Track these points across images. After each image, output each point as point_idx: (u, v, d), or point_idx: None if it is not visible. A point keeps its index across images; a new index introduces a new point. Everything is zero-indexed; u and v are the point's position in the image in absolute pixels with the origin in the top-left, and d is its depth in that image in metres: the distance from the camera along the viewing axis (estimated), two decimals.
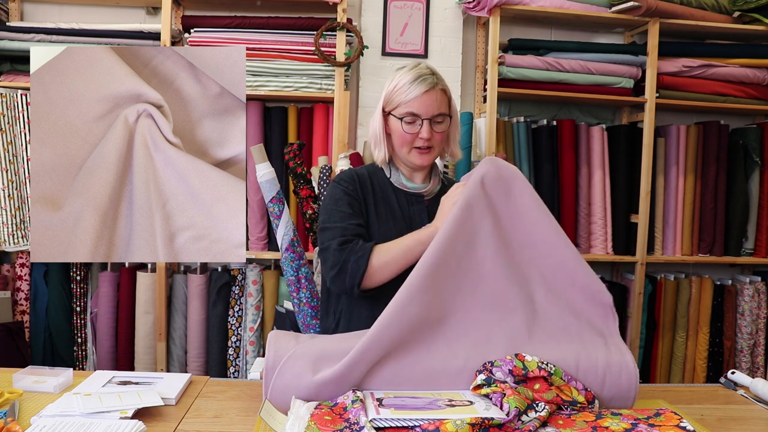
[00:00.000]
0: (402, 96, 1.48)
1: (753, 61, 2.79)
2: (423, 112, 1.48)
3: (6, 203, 2.44)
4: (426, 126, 1.48)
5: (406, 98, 1.48)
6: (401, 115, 1.49)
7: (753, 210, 2.86)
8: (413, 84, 1.47)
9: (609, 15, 2.68)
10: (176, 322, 2.62)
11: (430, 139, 1.49)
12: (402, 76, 1.50)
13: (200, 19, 2.58)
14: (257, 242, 2.60)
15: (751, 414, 1.24)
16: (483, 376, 1.11)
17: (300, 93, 2.55)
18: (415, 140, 1.50)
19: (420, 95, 1.47)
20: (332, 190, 1.55)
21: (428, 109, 1.48)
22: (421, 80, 1.47)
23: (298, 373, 1.12)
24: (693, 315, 2.85)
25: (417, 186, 1.57)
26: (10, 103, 2.44)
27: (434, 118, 1.49)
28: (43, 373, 1.23)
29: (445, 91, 1.52)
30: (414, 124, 1.49)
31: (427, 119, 1.48)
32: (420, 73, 1.49)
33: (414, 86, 1.47)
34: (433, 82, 1.49)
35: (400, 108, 1.49)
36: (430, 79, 1.48)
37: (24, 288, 2.58)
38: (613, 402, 1.15)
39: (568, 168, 2.73)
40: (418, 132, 1.49)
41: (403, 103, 1.48)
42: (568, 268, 1.31)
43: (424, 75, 1.49)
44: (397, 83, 1.50)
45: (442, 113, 1.50)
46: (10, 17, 2.64)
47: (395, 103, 1.50)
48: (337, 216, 1.49)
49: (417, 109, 1.48)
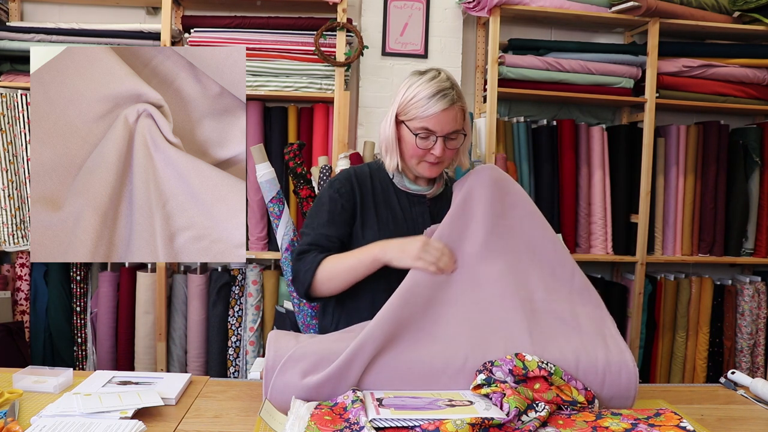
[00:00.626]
0: (419, 110, 1.42)
1: (753, 61, 2.79)
2: (439, 129, 1.42)
3: (6, 203, 2.44)
4: (440, 143, 1.43)
5: (424, 113, 1.42)
6: (416, 130, 1.43)
7: (753, 210, 2.86)
8: (432, 99, 1.41)
9: (609, 15, 2.68)
10: (176, 322, 2.62)
11: (441, 156, 1.45)
12: (421, 87, 1.43)
13: (200, 19, 2.58)
14: (257, 242, 2.60)
15: (751, 414, 1.24)
16: (483, 375, 1.11)
17: (300, 93, 2.55)
18: (427, 155, 1.46)
19: (438, 113, 1.41)
20: (323, 191, 1.54)
21: (444, 127, 1.43)
22: (441, 96, 1.41)
23: (298, 373, 1.12)
24: (693, 315, 2.85)
25: (420, 188, 1.55)
26: (10, 103, 2.44)
27: (449, 135, 1.44)
28: (43, 373, 1.23)
29: (463, 108, 1.47)
30: (428, 140, 1.44)
31: (441, 137, 1.43)
32: (440, 88, 1.42)
33: (433, 102, 1.41)
34: (452, 99, 1.43)
35: (416, 122, 1.43)
36: (450, 96, 1.42)
37: (24, 288, 2.58)
38: (613, 401, 1.15)
39: (568, 168, 2.73)
40: (431, 148, 1.44)
41: (419, 117, 1.42)
42: (566, 269, 1.32)
43: (444, 90, 1.42)
44: (415, 94, 1.43)
45: (456, 131, 1.45)
46: (10, 17, 2.64)
47: (411, 115, 1.44)
48: (315, 222, 1.50)
49: (433, 126, 1.42)
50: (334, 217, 1.48)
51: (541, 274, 1.31)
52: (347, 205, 1.50)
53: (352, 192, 1.51)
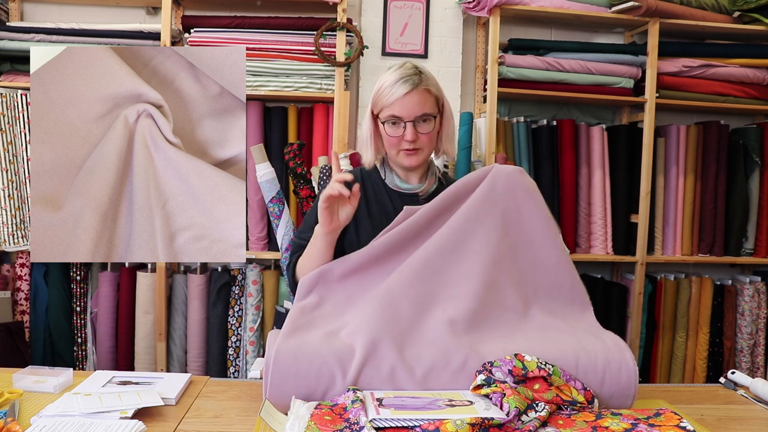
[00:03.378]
0: (385, 99, 1.45)
1: (753, 61, 2.79)
2: (405, 114, 1.44)
3: (6, 203, 2.44)
4: (410, 128, 1.45)
5: (388, 101, 1.44)
6: (384, 119, 1.47)
7: (753, 210, 2.86)
8: (395, 86, 1.43)
9: (609, 15, 2.68)
10: (176, 322, 2.62)
11: (414, 141, 1.46)
12: (386, 77, 1.47)
13: (200, 19, 2.58)
14: (257, 242, 2.60)
15: (751, 414, 1.24)
16: (483, 376, 1.11)
17: (300, 93, 2.55)
18: (401, 143, 1.48)
19: (401, 97, 1.43)
20: (318, 195, 1.56)
21: (410, 111, 1.44)
22: (403, 81, 1.43)
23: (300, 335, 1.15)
24: (693, 315, 2.85)
25: (411, 186, 1.56)
26: (10, 103, 2.44)
27: (418, 120, 1.45)
28: (43, 373, 1.23)
29: (430, 90, 1.47)
30: (397, 127, 1.46)
31: (410, 121, 1.45)
32: (403, 74, 1.44)
33: (395, 88, 1.43)
34: (414, 82, 1.44)
35: (384, 111, 1.46)
36: (412, 80, 1.44)
37: (24, 288, 2.58)
38: (612, 400, 1.15)
39: (568, 168, 2.73)
40: (402, 134, 1.46)
41: (386, 106, 1.45)
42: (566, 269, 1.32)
43: (406, 76, 1.44)
44: (381, 85, 1.47)
45: (426, 113, 1.46)
46: (10, 17, 2.64)
47: (380, 106, 1.47)
48: (305, 225, 1.55)
49: (399, 112, 1.44)
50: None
51: (540, 273, 1.31)
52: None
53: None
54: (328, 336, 1.18)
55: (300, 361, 1.11)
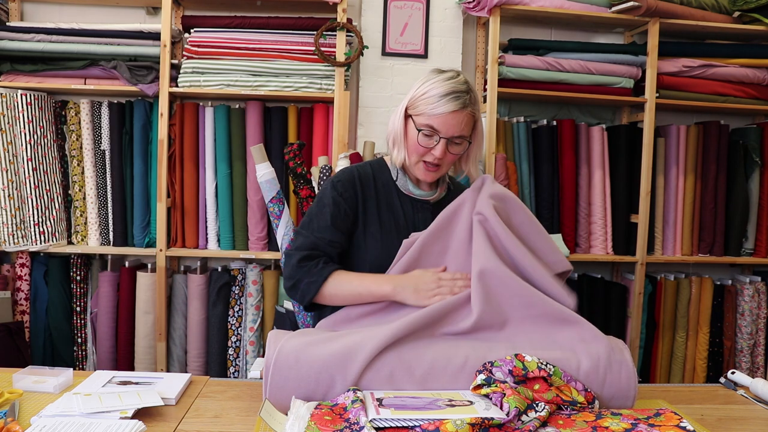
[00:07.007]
0: (428, 107, 1.39)
1: (753, 61, 2.79)
2: (444, 130, 1.40)
3: (6, 203, 2.44)
4: (442, 145, 1.41)
5: (432, 111, 1.39)
6: (420, 126, 1.41)
7: (753, 210, 2.86)
8: (444, 99, 1.38)
9: (609, 15, 2.68)
10: (176, 322, 2.62)
11: (441, 158, 1.42)
12: (435, 84, 1.40)
13: (200, 19, 2.58)
14: (257, 242, 2.60)
15: (751, 414, 1.24)
16: (483, 376, 1.10)
17: (300, 93, 2.55)
18: (427, 154, 1.43)
19: (447, 113, 1.38)
20: (325, 191, 1.49)
21: (450, 129, 1.40)
22: (453, 97, 1.38)
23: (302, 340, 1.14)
24: (693, 315, 2.85)
25: (423, 193, 1.52)
26: (10, 103, 2.43)
27: (453, 139, 1.42)
28: (43, 373, 1.23)
29: (474, 115, 1.43)
30: (431, 138, 1.41)
31: (444, 138, 1.41)
32: (454, 89, 1.39)
33: (444, 102, 1.38)
34: (464, 102, 1.39)
35: (422, 118, 1.41)
36: (462, 99, 1.39)
37: (24, 288, 2.57)
38: (613, 401, 1.15)
39: (568, 168, 2.73)
40: (432, 147, 1.42)
41: (426, 114, 1.40)
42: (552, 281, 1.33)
43: (458, 93, 1.39)
44: (427, 90, 1.40)
45: (462, 135, 1.42)
46: (10, 17, 2.64)
47: (419, 110, 1.41)
48: (314, 224, 1.45)
49: (438, 126, 1.40)
50: (336, 221, 1.44)
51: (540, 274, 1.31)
52: (350, 211, 1.46)
53: (355, 196, 1.47)
54: (329, 338, 1.17)
55: (300, 362, 1.11)
